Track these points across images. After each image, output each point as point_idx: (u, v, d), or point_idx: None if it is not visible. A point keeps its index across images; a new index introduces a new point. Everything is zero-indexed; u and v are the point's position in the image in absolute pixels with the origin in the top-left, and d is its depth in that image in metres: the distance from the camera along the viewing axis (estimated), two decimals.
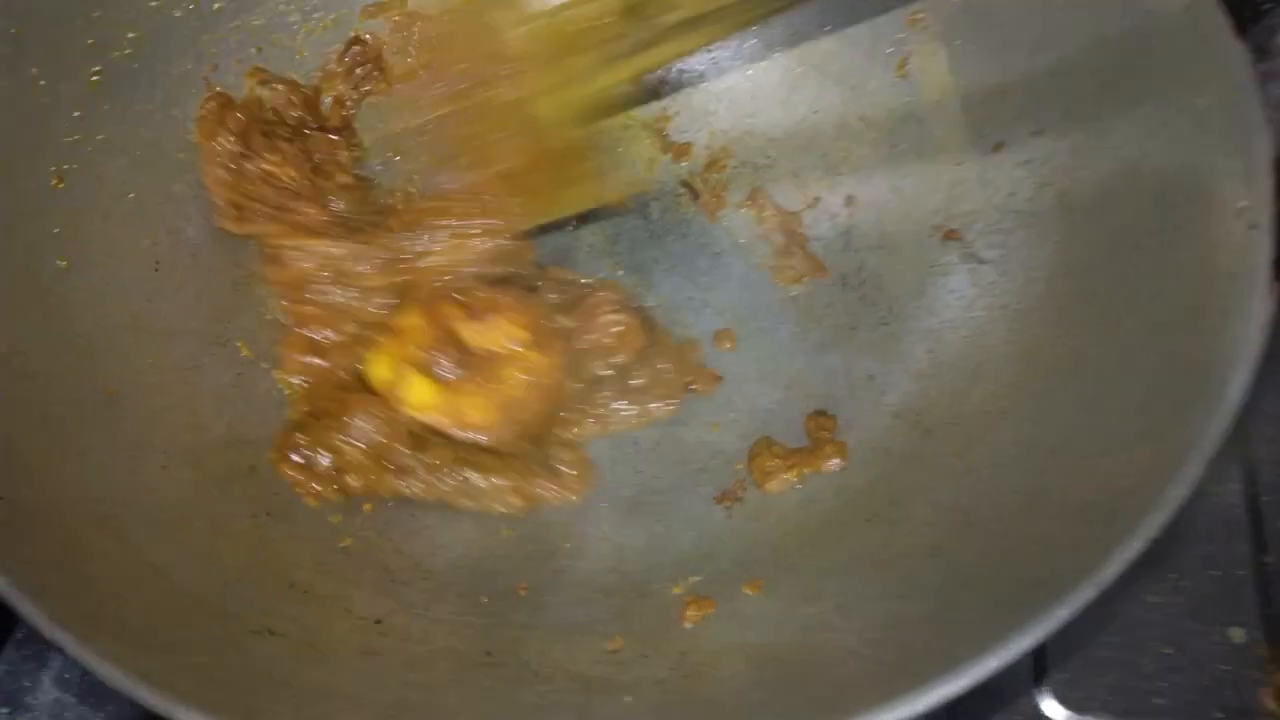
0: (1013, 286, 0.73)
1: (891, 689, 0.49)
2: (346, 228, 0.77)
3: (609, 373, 0.77)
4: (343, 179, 0.81)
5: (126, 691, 0.49)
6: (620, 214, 0.85)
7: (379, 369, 0.73)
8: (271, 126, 0.80)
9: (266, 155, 0.77)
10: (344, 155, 0.82)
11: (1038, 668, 0.72)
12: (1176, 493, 0.50)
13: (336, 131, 0.82)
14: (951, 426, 0.70)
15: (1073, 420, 0.61)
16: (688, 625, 0.65)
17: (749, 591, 0.66)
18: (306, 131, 0.81)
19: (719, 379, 0.79)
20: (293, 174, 0.77)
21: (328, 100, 0.84)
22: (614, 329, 0.76)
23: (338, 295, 0.75)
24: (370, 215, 0.79)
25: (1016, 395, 0.67)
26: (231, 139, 0.77)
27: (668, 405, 0.78)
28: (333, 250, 0.75)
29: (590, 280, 0.81)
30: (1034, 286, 0.72)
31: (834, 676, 0.55)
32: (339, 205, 0.79)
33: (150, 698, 0.49)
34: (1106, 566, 0.49)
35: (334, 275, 0.75)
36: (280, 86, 0.81)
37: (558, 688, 0.59)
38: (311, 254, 0.75)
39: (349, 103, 0.84)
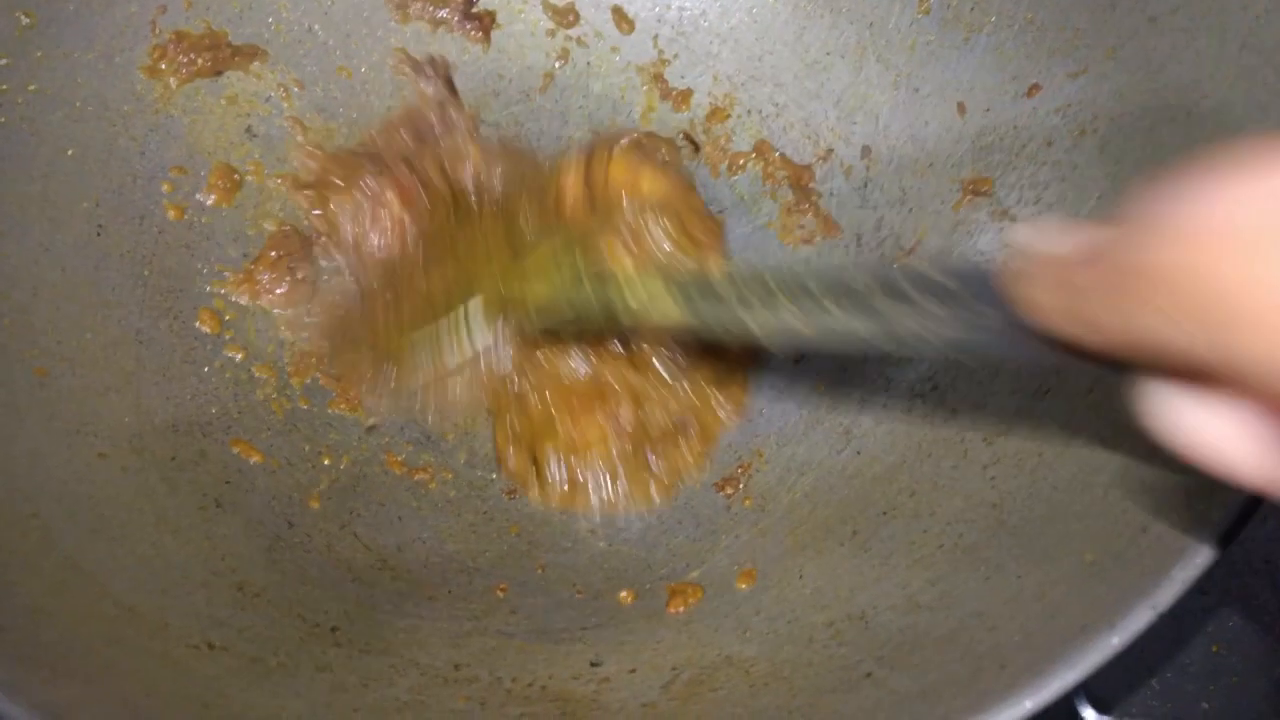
0: None
1: None
2: None
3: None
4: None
5: None
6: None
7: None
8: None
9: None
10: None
11: None
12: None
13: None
14: (980, 407, 0.62)
15: (1126, 404, 0.53)
16: (672, 613, 0.59)
17: (745, 586, 0.60)
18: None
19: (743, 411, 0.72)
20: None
21: None
22: None
23: None
24: None
25: (1056, 372, 0.59)
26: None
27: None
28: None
29: None
30: None
31: (844, 705, 0.48)
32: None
33: None
34: (1165, 585, 0.42)
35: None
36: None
37: (534, 710, 0.53)
38: None
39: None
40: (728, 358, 0.72)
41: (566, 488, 0.69)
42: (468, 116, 0.78)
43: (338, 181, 0.74)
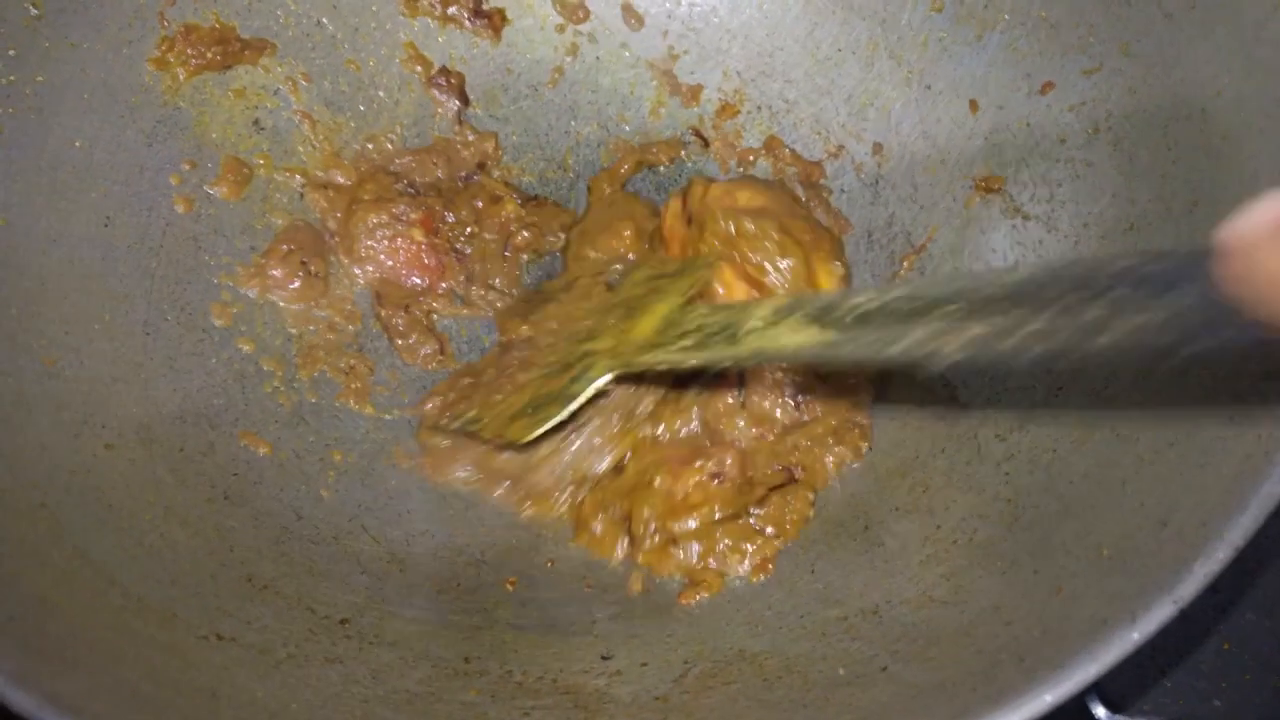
0: (1062, 245, 0.65)
1: None
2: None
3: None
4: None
5: (32, 717, 0.42)
6: None
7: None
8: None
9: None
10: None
11: None
12: (1276, 488, 0.42)
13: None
14: (993, 403, 0.62)
15: (1140, 399, 0.53)
16: (684, 606, 0.59)
17: (757, 580, 0.60)
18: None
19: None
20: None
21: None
22: None
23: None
24: None
25: (1069, 369, 0.59)
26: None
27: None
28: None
29: None
30: (1086, 244, 0.64)
31: (858, 698, 0.47)
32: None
33: None
34: (1187, 579, 0.41)
35: None
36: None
37: (545, 703, 0.52)
38: None
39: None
40: (846, 402, 0.67)
41: (662, 551, 0.62)
42: (496, 154, 0.78)
43: (365, 196, 0.74)
